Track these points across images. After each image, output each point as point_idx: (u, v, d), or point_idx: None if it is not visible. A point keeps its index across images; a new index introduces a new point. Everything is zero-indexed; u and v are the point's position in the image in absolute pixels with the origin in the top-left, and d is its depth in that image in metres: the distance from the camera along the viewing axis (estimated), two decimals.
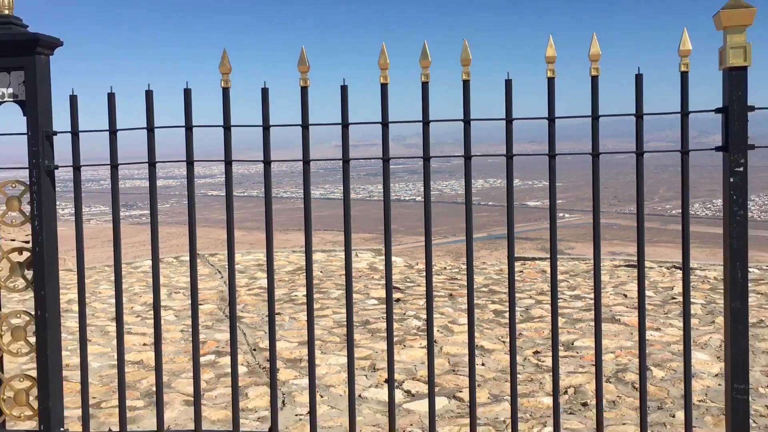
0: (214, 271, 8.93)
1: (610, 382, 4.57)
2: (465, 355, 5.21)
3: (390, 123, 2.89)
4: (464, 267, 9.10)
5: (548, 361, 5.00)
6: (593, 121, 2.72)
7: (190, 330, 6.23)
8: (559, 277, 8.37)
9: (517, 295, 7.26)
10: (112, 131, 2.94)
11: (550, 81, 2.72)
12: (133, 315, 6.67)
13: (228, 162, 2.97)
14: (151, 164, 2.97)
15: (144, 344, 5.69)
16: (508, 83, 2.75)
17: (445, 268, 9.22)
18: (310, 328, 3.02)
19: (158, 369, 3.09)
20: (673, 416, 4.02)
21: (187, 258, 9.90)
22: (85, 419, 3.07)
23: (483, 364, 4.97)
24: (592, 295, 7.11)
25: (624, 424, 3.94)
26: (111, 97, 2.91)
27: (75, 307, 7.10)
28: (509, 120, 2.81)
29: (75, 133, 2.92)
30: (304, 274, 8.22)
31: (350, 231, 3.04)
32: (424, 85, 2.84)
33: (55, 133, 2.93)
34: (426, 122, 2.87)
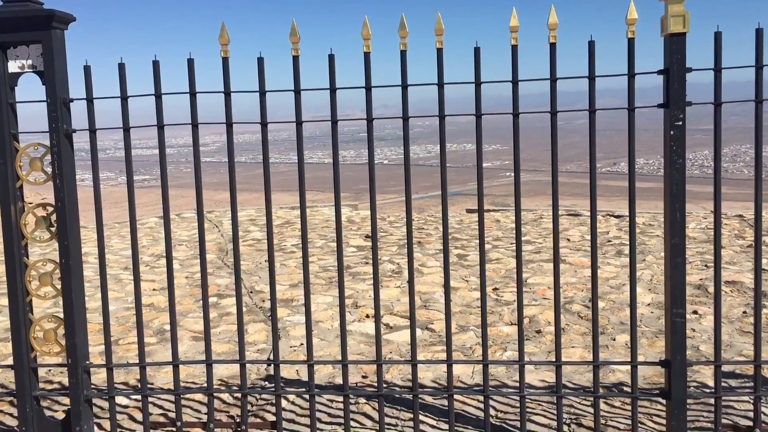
0: (212, 226, 8.81)
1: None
2: (435, 293, 5.22)
3: (372, 87, 2.82)
4: (429, 219, 9.09)
5: (506, 296, 5.03)
6: (551, 83, 2.68)
7: (194, 276, 6.17)
8: (510, 225, 8.41)
9: (474, 241, 7.30)
10: (123, 98, 2.83)
11: (514, 48, 2.66)
12: (143, 265, 6.57)
13: (229, 124, 2.88)
14: (160, 127, 2.87)
15: (153, 289, 5.61)
16: (477, 51, 2.69)
17: (415, 219, 9.19)
18: (305, 272, 2.97)
19: (172, 310, 3.03)
20: (614, 339, 4.07)
21: (188, 215, 9.76)
22: (108, 353, 3.01)
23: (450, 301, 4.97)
24: (540, 241, 7.16)
25: (573, 347, 3.98)
26: (121, 67, 2.79)
27: (90, 259, 7.00)
28: (478, 83, 2.75)
29: (90, 99, 2.80)
30: (292, 227, 8.11)
31: (339, 189, 3.00)
32: (403, 53, 2.77)
33: (72, 100, 2.81)
34: (405, 86, 2.80)
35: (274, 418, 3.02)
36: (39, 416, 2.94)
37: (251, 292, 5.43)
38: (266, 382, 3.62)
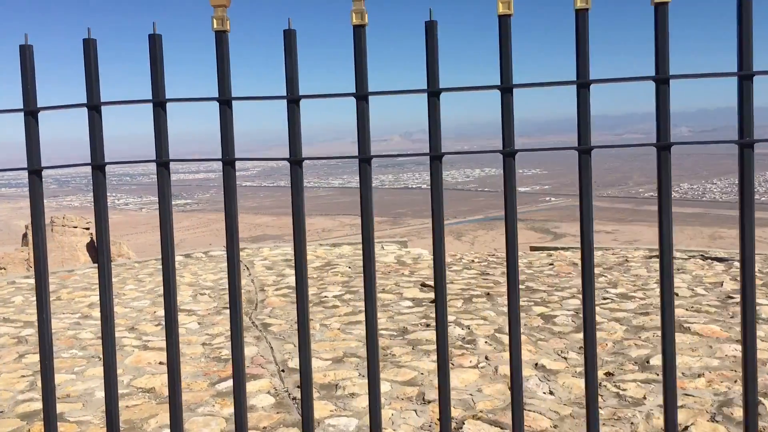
0: (242, 267, 7.58)
1: (717, 421, 3.19)
2: (529, 379, 3.85)
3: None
4: (493, 260, 7.73)
5: (630, 388, 3.62)
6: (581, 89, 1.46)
7: (215, 342, 4.91)
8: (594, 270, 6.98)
9: (556, 293, 5.90)
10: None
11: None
12: (154, 323, 5.34)
13: (228, 162, 1.64)
14: (160, 164, 1.62)
15: (160, 363, 4.34)
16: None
17: (474, 260, 7.84)
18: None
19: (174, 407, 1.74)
20: None
21: (217, 253, 8.55)
22: None
23: (551, 393, 3.60)
24: (640, 294, 5.72)
25: None
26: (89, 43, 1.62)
27: (96, 313, 5.81)
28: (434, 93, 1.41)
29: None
30: (334, 270, 6.81)
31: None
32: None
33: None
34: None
35: None
36: None
37: (282, 371, 4.13)
38: None
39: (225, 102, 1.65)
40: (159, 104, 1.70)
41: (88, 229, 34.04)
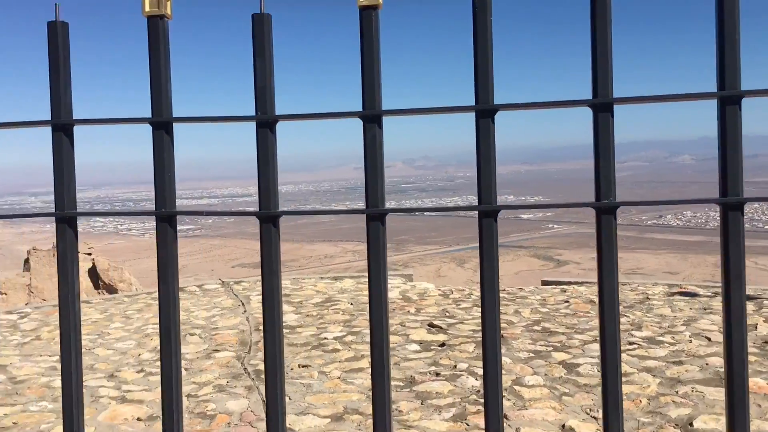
0: (237, 303, 7.10)
1: None
2: None
3: None
4: (504, 295, 7.23)
5: None
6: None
7: (202, 393, 4.41)
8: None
9: (576, 336, 5.40)
10: None
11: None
12: (137, 368, 4.84)
13: (164, 217, 1.20)
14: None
15: (138, 419, 3.85)
16: None
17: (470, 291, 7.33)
18: None
19: None
20: None
21: (211, 287, 8.07)
22: None
23: None
24: (668, 338, 5.22)
25: None
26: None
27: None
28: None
29: None
30: (335, 307, 6.33)
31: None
32: None
33: None
34: None
35: None
36: None
37: None
38: None
39: (161, 125, 1.21)
40: (60, 127, 1.27)
41: (89, 254, 33.63)
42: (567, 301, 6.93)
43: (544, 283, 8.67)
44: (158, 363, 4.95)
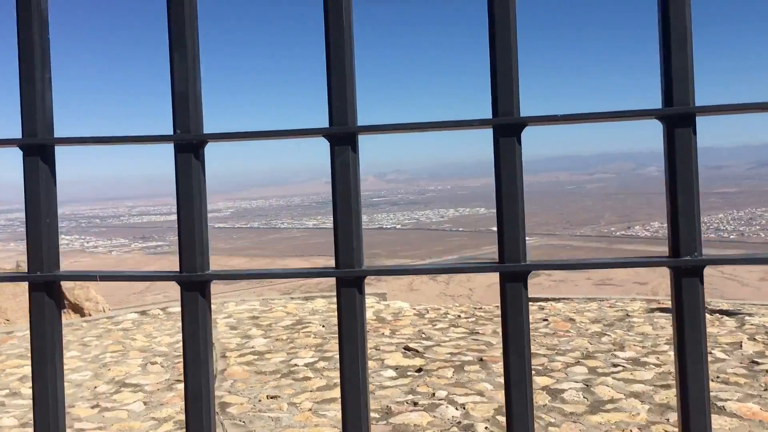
0: None
1: None
2: None
3: None
4: (482, 314, 7.01)
5: None
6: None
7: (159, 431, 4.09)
8: (591, 327, 6.30)
9: (558, 357, 5.19)
10: None
11: None
12: (91, 403, 4.49)
13: None
14: None
15: None
16: None
17: (460, 316, 7.10)
18: None
19: None
20: None
21: (176, 310, 7.71)
22: None
23: None
24: (653, 359, 5.03)
25: None
26: None
27: (27, 390, 4.94)
28: None
29: None
30: (306, 330, 6.04)
31: None
32: None
33: None
34: None
35: None
36: None
37: None
38: None
39: (34, 149, 0.93)
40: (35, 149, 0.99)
41: None
42: (546, 320, 6.73)
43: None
44: (115, 396, 4.62)
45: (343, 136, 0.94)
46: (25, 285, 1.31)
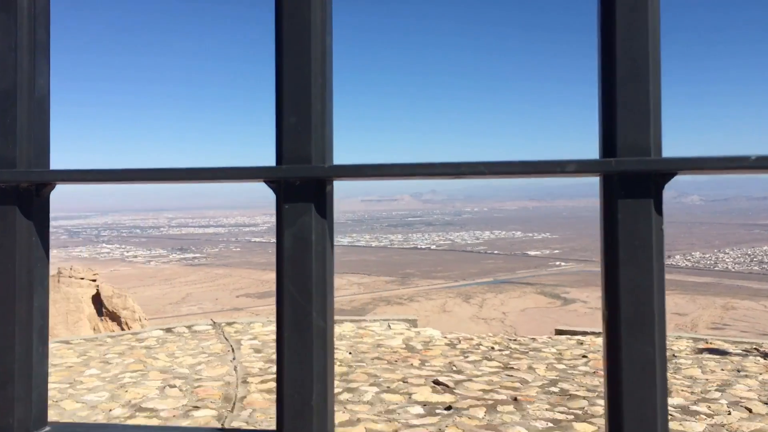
0: (227, 349, 6.56)
1: None
2: None
3: None
4: (516, 347, 6.67)
5: None
6: None
7: None
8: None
9: (599, 401, 4.82)
10: None
11: None
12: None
13: None
14: None
15: None
16: None
17: (493, 348, 6.75)
18: None
19: None
20: None
21: (202, 328, 7.53)
22: None
23: None
24: (703, 407, 4.64)
25: None
26: None
27: None
28: None
29: None
30: None
31: None
32: None
33: None
34: None
35: None
36: None
37: None
38: None
39: None
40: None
41: (94, 281, 33.31)
42: (585, 356, 6.36)
43: (559, 332, 8.09)
44: (130, 420, 4.41)
45: (302, 183, 0.70)
46: None
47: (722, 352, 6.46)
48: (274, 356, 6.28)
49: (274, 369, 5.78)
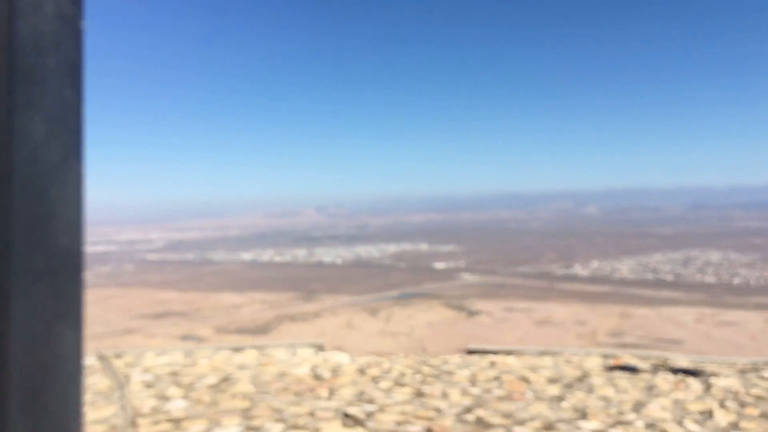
0: (114, 386, 6.03)
1: None
2: None
3: None
4: (429, 369, 6.51)
5: None
6: None
7: None
8: (549, 389, 5.86)
9: (516, 428, 4.70)
10: None
11: None
12: None
13: None
14: None
15: None
16: None
17: (403, 373, 6.55)
18: None
19: None
20: None
21: (86, 363, 6.93)
22: None
23: None
24: (620, 431, 4.61)
25: None
26: None
27: None
28: None
29: None
30: (234, 390, 5.40)
31: None
32: None
33: None
34: None
35: None
36: None
37: None
38: None
39: None
40: None
41: None
42: (498, 378, 6.27)
43: (470, 352, 8.01)
44: None
45: None
46: None
47: (632, 369, 6.54)
48: (169, 391, 5.82)
49: (168, 407, 5.34)
